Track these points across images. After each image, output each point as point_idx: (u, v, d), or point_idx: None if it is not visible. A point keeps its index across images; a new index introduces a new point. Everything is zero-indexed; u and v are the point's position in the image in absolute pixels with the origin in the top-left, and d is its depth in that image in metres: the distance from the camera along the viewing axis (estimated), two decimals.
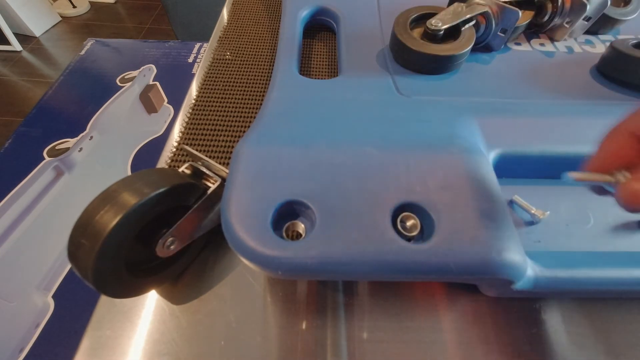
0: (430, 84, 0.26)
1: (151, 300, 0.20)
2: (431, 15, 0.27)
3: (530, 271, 0.17)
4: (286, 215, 0.17)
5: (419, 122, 0.21)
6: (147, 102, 1.06)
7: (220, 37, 0.36)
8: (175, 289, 0.21)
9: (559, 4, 0.29)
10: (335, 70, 0.32)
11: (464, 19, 0.26)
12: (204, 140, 0.27)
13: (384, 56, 0.28)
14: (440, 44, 0.26)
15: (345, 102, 0.23)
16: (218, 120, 0.29)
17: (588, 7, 0.28)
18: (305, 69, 0.32)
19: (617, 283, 0.18)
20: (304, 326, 0.19)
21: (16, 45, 1.51)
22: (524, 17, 0.29)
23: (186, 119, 0.29)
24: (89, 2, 1.80)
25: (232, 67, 0.33)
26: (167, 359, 0.18)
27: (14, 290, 0.72)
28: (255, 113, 0.29)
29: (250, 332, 0.19)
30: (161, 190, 0.16)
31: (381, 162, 0.18)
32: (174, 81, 1.11)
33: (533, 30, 0.32)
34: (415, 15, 0.28)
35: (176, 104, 1.06)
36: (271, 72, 0.27)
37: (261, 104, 0.26)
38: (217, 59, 0.34)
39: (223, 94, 0.31)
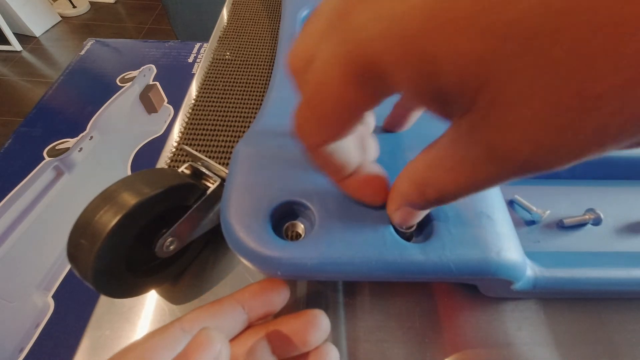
0: None
1: (151, 300, 0.20)
2: None
3: (529, 271, 0.17)
4: (286, 216, 0.17)
5: (418, 121, 0.21)
6: (147, 102, 1.06)
7: (220, 37, 0.36)
8: (175, 289, 0.21)
9: None
10: None
11: None
12: (204, 140, 0.27)
13: None
14: None
15: None
16: (218, 120, 0.29)
17: None
18: None
19: (617, 283, 0.18)
20: None
21: (16, 45, 1.51)
22: None
23: (186, 119, 0.29)
24: (89, 2, 1.80)
25: (232, 67, 0.33)
26: None
27: (14, 290, 0.72)
28: (255, 113, 0.29)
29: None
30: (161, 190, 0.16)
31: (380, 162, 0.18)
32: (174, 81, 1.11)
33: None
34: None
35: (176, 104, 1.06)
36: (271, 72, 0.27)
37: (261, 104, 0.26)
38: (217, 59, 0.34)
39: (223, 94, 0.31)
